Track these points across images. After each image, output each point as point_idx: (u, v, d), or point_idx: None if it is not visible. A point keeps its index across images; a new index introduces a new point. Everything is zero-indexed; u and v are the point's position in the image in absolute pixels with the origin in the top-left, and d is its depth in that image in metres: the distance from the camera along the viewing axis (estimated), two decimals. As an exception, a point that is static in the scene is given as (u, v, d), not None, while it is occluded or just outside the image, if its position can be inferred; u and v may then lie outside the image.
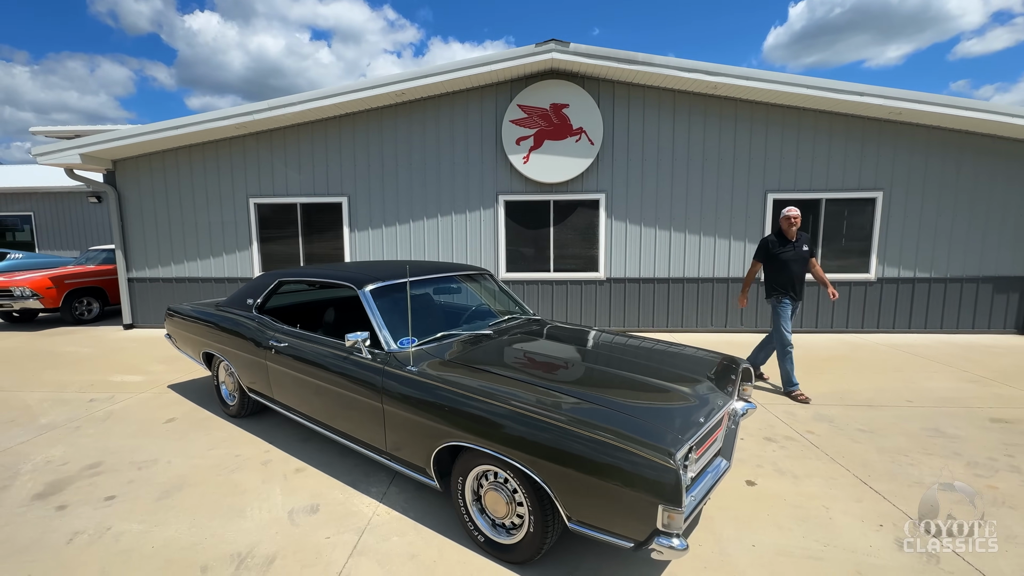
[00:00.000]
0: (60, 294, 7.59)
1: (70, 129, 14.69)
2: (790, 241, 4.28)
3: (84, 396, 4.33)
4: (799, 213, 4.25)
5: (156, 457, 3.16)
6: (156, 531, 2.38)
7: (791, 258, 4.24)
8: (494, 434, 2.02)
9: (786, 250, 4.26)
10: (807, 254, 4.32)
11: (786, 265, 4.24)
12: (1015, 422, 3.64)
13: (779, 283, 4.30)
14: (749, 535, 2.33)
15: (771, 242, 4.34)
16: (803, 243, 4.29)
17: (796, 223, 4.21)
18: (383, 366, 2.51)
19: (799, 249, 4.27)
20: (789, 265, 4.23)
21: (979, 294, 6.59)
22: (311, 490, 2.75)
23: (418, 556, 2.19)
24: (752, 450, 3.23)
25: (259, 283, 3.64)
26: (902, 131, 6.37)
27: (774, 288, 4.34)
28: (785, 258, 4.25)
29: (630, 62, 6.03)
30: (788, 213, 4.24)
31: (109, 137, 6.55)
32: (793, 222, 4.21)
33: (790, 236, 4.27)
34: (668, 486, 1.62)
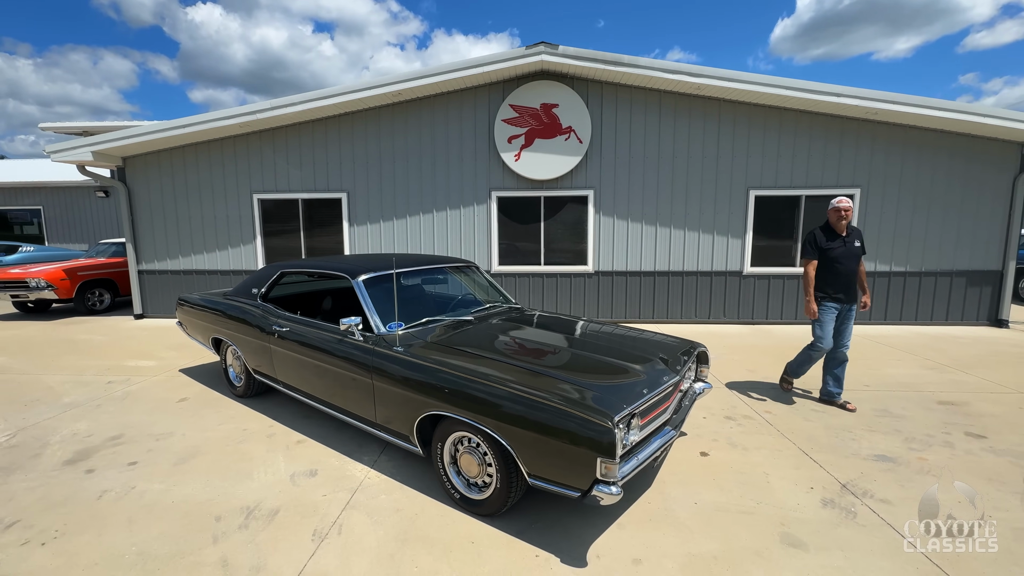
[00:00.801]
0: (73, 285, 7.95)
1: (78, 125, 14.99)
2: (839, 235, 3.79)
3: (102, 379, 4.67)
4: (850, 204, 3.73)
5: (171, 431, 3.50)
6: (175, 489, 2.72)
7: (840, 255, 3.76)
8: (467, 404, 2.34)
9: (834, 245, 3.77)
10: (859, 251, 3.82)
11: (834, 262, 3.77)
12: (960, 404, 3.94)
13: (825, 282, 3.82)
14: (694, 495, 2.65)
15: (818, 236, 3.85)
16: (855, 238, 3.81)
17: (847, 216, 3.72)
18: (373, 347, 2.83)
19: (850, 245, 3.78)
20: (837, 262, 3.76)
21: (952, 287, 6.86)
22: (310, 458, 3.09)
23: (402, 510, 2.52)
24: (711, 427, 3.54)
25: (263, 274, 3.96)
26: (879, 130, 6.62)
27: (817, 288, 3.86)
28: (833, 255, 3.76)
29: (616, 64, 6.29)
30: (838, 204, 3.73)
31: (120, 135, 6.86)
32: (843, 215, 3.72)
33: (839, 230, 3.78)
34: (605, 442, 1.93)
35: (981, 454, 3.11)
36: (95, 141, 6.90)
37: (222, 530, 2.35)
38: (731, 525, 2.39)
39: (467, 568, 2.10)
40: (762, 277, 7.04)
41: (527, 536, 2.31)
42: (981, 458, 3.06)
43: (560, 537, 2.30)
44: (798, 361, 4.05)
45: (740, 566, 2.11)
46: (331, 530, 2.35)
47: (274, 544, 2.25)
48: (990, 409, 3.83)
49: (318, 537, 2.30)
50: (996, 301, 6.83)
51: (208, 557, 2.17)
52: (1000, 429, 3.47)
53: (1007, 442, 3.27)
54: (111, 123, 14.45)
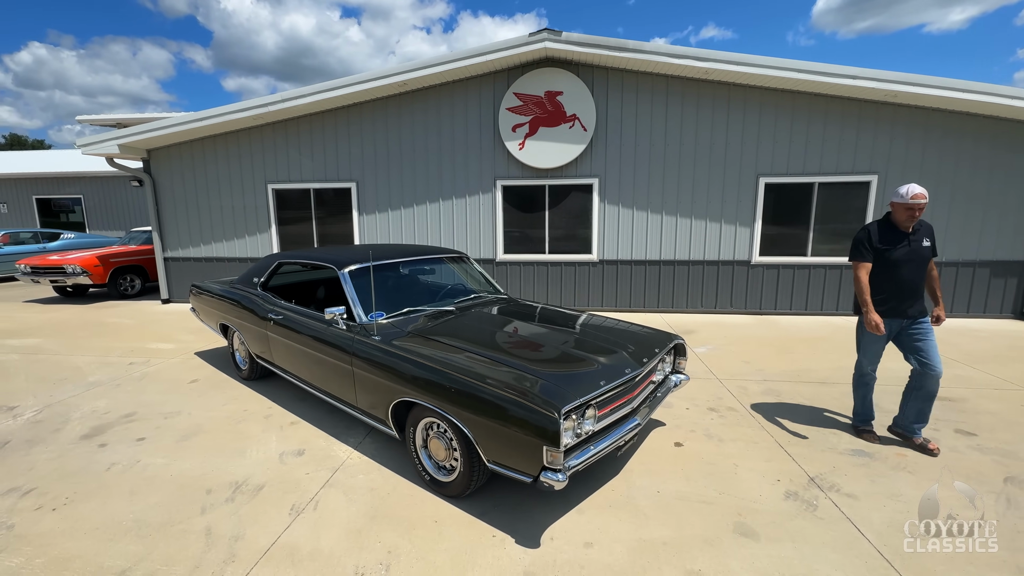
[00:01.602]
0: (106, 271, 8.46)
1: (113, 117, 15.67)
2: (904, 233, 2.99)
3: (125, 360, 5.02)
4: (926, 197, 2.87)
5: (179, 410, 3.77)
6: (175, 464, 2.96)
7: (902, 257, 2.97)
8: (432, 392, 2.46)
9: (895, 245, 2.98)
10: (928, 252, 3.03)
11: (893, 267, 2.99)
12: (958, 400, 3.84)
13: (880, 291, 3.05)
14: (658, 484, 2.72)
15: (873, 233, 3.04)
16: (923, 236, 3.00)
17: (920, 213, 2.88)
18: (353, 335, 2.98)
19: (916, 245, 2.98)
20: (898, 267, 2.98)
21: (975, 279, 6.56)
22: (300, 438, 3.28)
23: (376, 489, 2.68)
24: (692, 418, 3.57)
25: (263, 264, 4.16)
26: (899, 113, 6.32)
27: (872, 298, 3.06)
28: (893, 257, 2.98)
29: (621, 49, 6.19)
30: (911, 199, 2.86)
31: (141, 129, 7.20)
32: (916, 212, 2.88)
33: (905, 227, 2.97)
34: (550, 432, 2.02)
35: (966, 452, 3.05)
36: (121, 135, 7.27)
37: (211, 502, 2.56)
38: (688, 514, 2.45)
39: (426, 545, 2.24)
40: (771, 267, 6.89)
41: (488, 517, 2.43)
42: (965, 456, 3.00)
43: (519, 520, 2.42)
44: (858, 402, 3.37)
45: (687, 552, 2.17)
46: (308, 506, 2.53)
47: (254, 516, 2.44)
48: (988, 406, 3.72)
49: (295, 512, 2.48)
50: (1022, 293, 6.50)
51: (195, 526, 2.38)
52: (994, 427, 3.38)
53: (997, 440, 3.19)
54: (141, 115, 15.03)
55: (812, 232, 6.71)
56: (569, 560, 2.14)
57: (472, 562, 2.13)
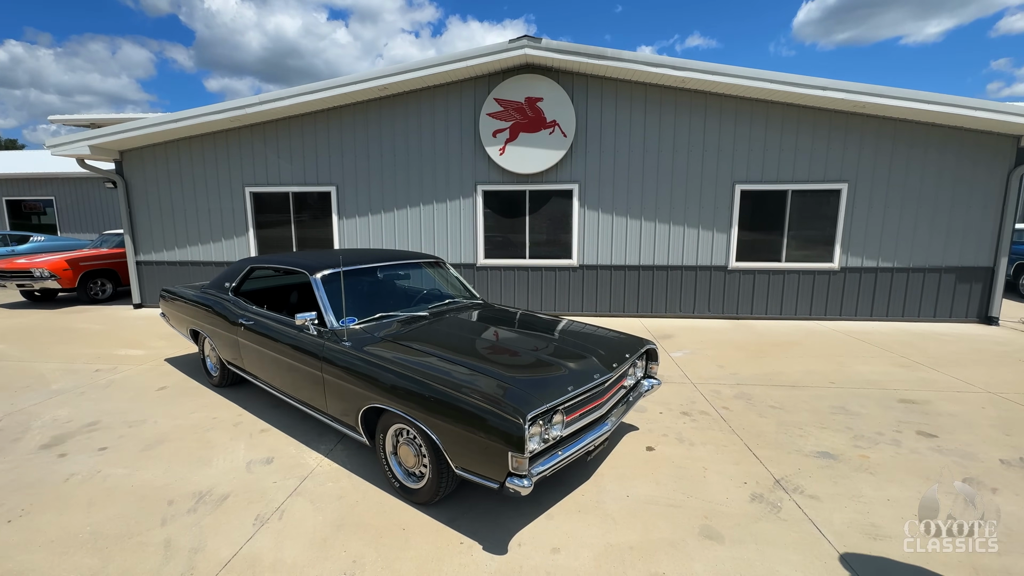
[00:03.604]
0: (76, 275, 8.23)
1: (86, 118, 15.31)
2: None
3: (91, 367, 4.88)
4: None
5: (145, 418, 3.67)
6: (137, 474, 2.88)
7: None
8: (400, 398, 2.44)
9: None
10: None
11: None
12: (921, 403, 3.95)
13: None
14: (627, 488, 2.73)
15: None
16: None
17: None
18: (324, 341, 2.94)
19: None
20: None
21: (942, 284, 6.77)
22: (270, 446, 3.23)
23: (344, 497, 2.65)
24: (665, 422, 3.61)
25: (235, 268, 4.09)
26: (868, 124, 6.51)
27: None
28: None
29: (600, 57, 6.27)
30: None
31: (114, 130, 7.04)
32: None
33: None
34: (515, 438, 2.02)
35: (926, 453, 3.14)
36: (92, 135, 7.10)
37: (172, 513, 2.50)
38: (655, 518, 2.47)
39: (392, 553, 2.22)
40: (747, 272, 7.01)
41: (457, 524, 2.42)
42: (925, 457, 3.08)
43: (488, 526, 2.41)
44: None
45: (653, 556, 2.19)
46: (273, 515, 2.49)
47: (217, 527, 2.39)
48: (950, 408, 3.83)
49: (259, 521, 2.44)
50: (987, 298, 6.73)
51: (153, 538, 2.31)
52: (954, 429, 3.48)
53: (957, 442, 3.28)
54: (116, 115, 14.70)
55: (786, 238, 6.86)
56: (536, 566, 2.14)
57: (438, 570, 2.12)
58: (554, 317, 3.72)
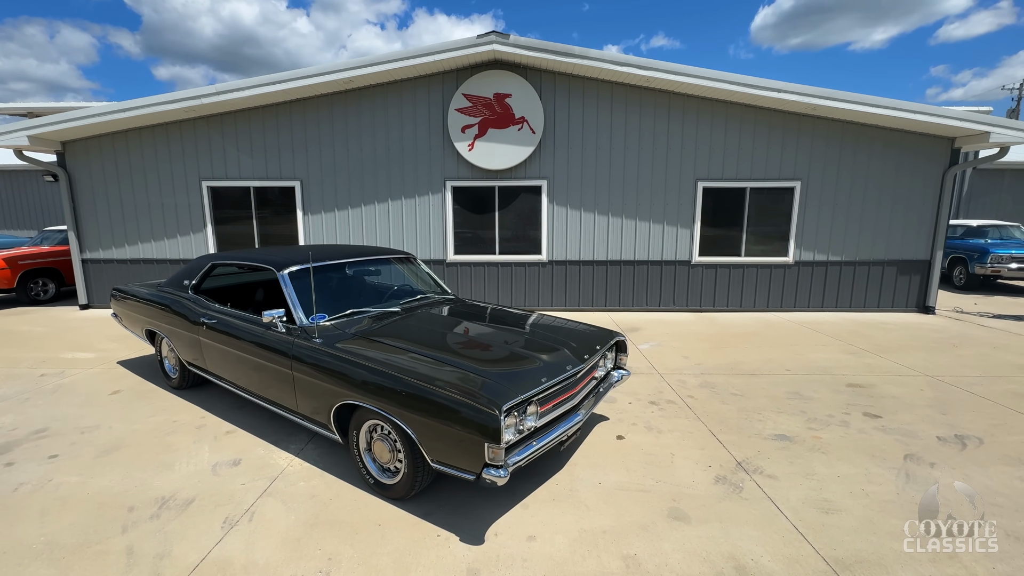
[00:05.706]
0: (14, 275, 7.67)
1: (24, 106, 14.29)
2: None
3: (35, 372, 4.59)
4: None
5: (98, 423, 3.49)
6: (92, 481, 2.75)
7: None
8: (374, 393, 2.43)
9: None
10: None
11: None
12: (867, 387, 4.23)
13: None
14: (599, 475, 2.82)
15: None
16: None
17: None
18: (293, 339, 2.88)
19: None
20: None
21: (884, 276, 7.24)
22: (237, 448, 3.14)
23: (318, 496, 2.62)
24: (634, 411, 3.72)
25: (195, 265, 3.94)
26: (819, 125, 6.87)
27: None
28: None
29: (567, 55, 6.34)
30: None
31: (56, 119, 6.60)
32: None
33: None
34: (491, 429, 2.06)
35: (872, 433, 3.37)
36: (31, 125, 6.62)
37: (133, 520, 2.40)
38: (627, 503, 2.56)
39: (369, 549, 2.22)
40: (709, 267, 7.28)
41: (433, 517, 2.44)
42: (871, 436, 3.31)
43: (464, 518, 2.43)
44: None
45: (625, 539, 2.27)
46: (243, 517, 2.43)
47: (182, 532, 2.31)
48: (893, 391, 4.13)
49: (228, 524, 2.38)
50: (924, 289, 7.24)
51: (114, 546, 2.22)
52: (896, 410, 3.75)
53: (899, 421, 3.54)
54: (57, 104, 13.78)
55: (745, 234, 7.16)
56: (512, 554, 2.18)
57: (415, 563, 2.13)
58: (525, 312, 3.76)
